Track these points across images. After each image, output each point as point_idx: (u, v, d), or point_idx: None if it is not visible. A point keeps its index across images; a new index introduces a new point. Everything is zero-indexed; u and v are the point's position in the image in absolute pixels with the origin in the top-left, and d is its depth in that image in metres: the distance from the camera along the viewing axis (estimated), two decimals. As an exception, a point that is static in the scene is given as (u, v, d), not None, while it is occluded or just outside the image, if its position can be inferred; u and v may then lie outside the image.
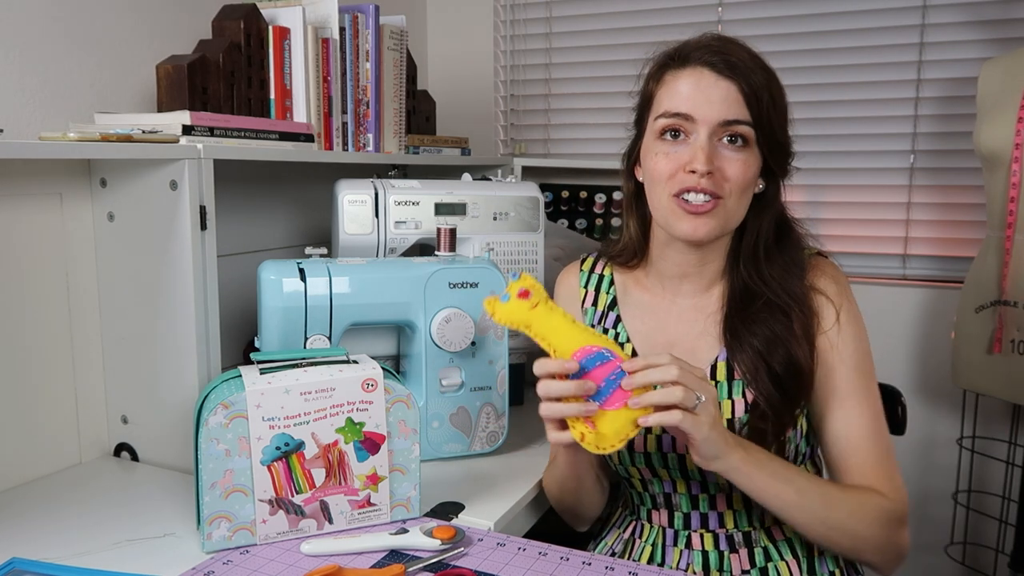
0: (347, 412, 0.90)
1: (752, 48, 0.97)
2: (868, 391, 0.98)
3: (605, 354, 0.82)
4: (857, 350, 0.99)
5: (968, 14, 1.73)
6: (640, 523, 1.08)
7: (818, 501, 0.91)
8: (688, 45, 0.97)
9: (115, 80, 1.26)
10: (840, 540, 0.93)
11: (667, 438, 1.00)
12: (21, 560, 0.84)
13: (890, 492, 0.95)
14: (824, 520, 0.91)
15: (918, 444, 1.86)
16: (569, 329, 0.85)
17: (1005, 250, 1.49)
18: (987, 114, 1.52)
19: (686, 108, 0.94)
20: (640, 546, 1.06)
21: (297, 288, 1.06)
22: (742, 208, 0.98)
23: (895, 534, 0.95)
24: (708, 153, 0.92)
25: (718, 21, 1.94)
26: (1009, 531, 1.75)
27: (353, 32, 1.45)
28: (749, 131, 0.94)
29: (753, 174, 0.96)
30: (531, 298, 0.85)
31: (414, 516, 0.95)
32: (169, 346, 1.09)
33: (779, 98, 0.97)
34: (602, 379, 0.82)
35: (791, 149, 1.01)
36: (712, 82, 0.93)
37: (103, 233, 1.13)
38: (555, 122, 2.15)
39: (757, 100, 0.93)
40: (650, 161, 0.98)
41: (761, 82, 0.94)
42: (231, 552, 0.87)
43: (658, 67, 1.01)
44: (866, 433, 0.97)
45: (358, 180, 1.30)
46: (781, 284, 0.99)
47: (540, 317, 0.85)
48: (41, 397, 1.10)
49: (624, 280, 1.11)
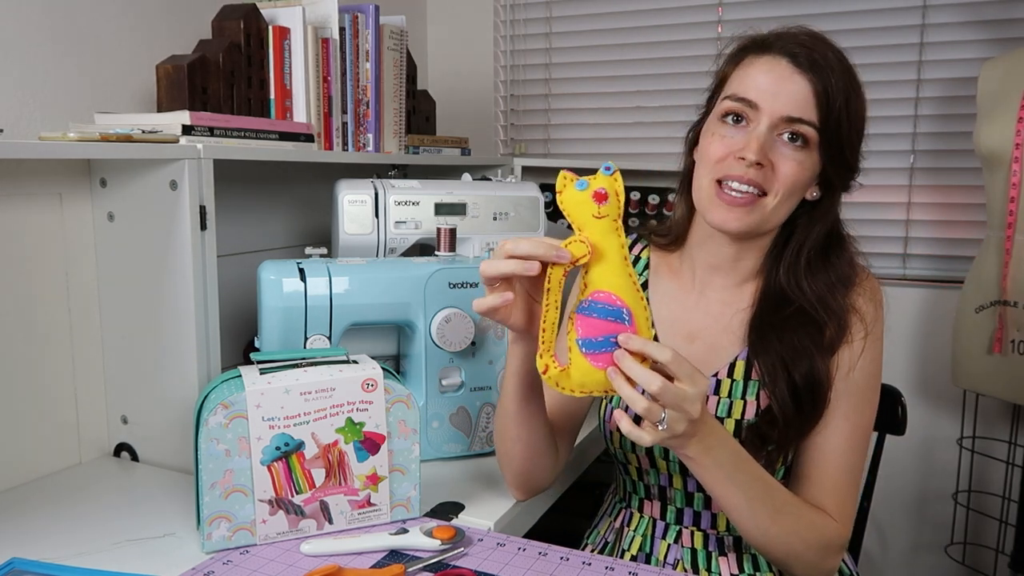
0: (347, 412, 0.90)
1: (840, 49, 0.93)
2: (859, 413, 0.96)
3: (623, 315, 0.75)
4: (866, 374, 0.96)
5: (968, 14, 1.73)
6: (630, 511, 1.08)
7: (765, 513, 0.88)
8: (775, 33, 0.94)
9: (115, 80, 1.26)
10: (775, 551, 0.91)
11: None
12: (21, 560, 0.84)
13: (838, 517, 0.93)
14: (765, 531, 0.89)
15: (918, 444, 1.86)
16: (614, 268, 0.76)
17: (1005, 250, 1.49)
18: (987, 114, 1.52)
19: (753, 95, 0.90)
20: (629, 535, 1.06)
21: (297, 288, 1.06)
22: (784, 210, 0.93)
23: (830, 559, 0.93)
24: (762, 144, 0.89)
25: (718, 21, 1.94)
26: (1009, 531, 1.75)
27: (353, 32, 1.45)
28: (812, 133, 0.89)
29: (806, 178, 0.92)
30: (603, 206, 0.76)
31: (414, 516, 0.95)
32: (169, 346, 1.09)
33: (856, 110, 0.92)
34: (602, 334, 0.75)
35: (857, 166, 0.96)
36: (787, 74, 0.89)
37: (103, 233, 1.13)
38: (555, 122, 2.15)
39: (829, 103, 0.89)
40: (705, 140, 0.95)
41: (840, 87, 0.89)
42: (231, 552, 0.87)
43: (740, 49, 0.96)
44: (837, 451, 0.94)
45: (358, 180, 1.30)
46: (819, 296, 0.95)
47: (597, 230, 0.76)
48: (41, 397, 1.10)
49: (658, 264, 1.09)
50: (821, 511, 0.93)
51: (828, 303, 0.95)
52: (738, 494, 0.87)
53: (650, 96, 2.04)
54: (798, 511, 0.91)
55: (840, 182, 0.96)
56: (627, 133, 2.08)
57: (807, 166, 0.91)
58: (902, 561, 1.93)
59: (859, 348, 0.95)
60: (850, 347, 0.95)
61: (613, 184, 0.76)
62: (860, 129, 0.94)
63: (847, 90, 0.90)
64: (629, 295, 0.76)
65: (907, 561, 1.93)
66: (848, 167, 0.95)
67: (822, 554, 0.92)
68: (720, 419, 0.97)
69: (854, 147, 0.94)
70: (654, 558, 1.02)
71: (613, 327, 0.75)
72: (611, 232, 0.77)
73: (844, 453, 0.95)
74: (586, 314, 0.76)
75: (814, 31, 0.94)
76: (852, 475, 0.95)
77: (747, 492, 0.87)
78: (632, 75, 2.05)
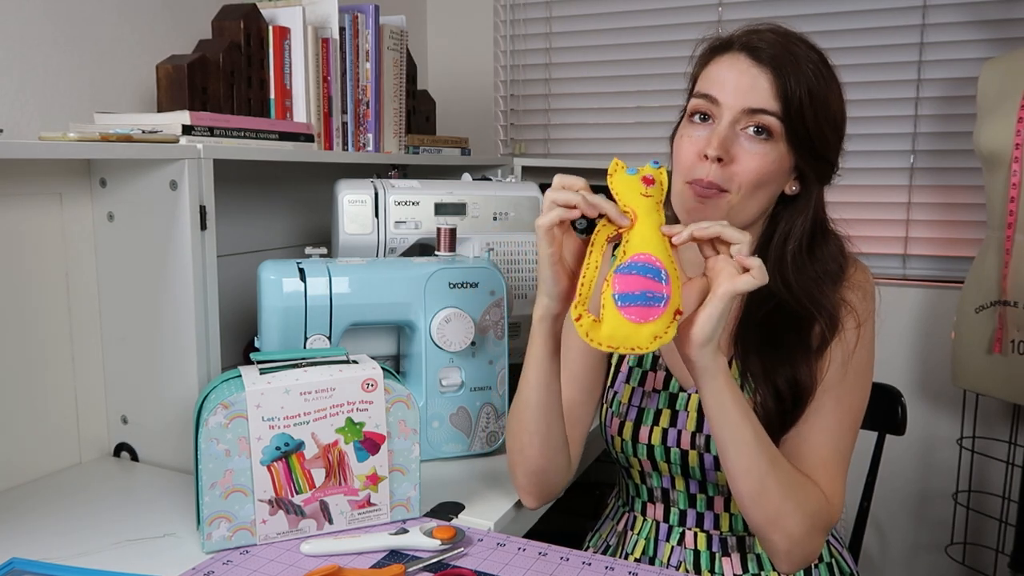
0: (347, 412, 0.90)
1: (816, 46, 0.92)
2: (851, 395, 0.94)
3: (661, 274, 0.79)
4: (859, 360, 0.95)
5: (968, 14, 1.73)
6: (633, 515, 1.08)
7: (766, 458, 0.85)
8: (739, 31, 0.94)
9: (115, 80, 1.26)
10: (767, 507, 0.86)
11: (672, 432, 0.99)
12: (21, 560, 0.84)
13: (830, 495, 0.91)
14: (763, 478, 0.85)
15: (918, 444, 1.86)
16: (655, 235, 0.81)
17: (1005, 250, 1.49)
18: (987, 114, 1.52)
19: (715, 91, 0.90)
20: (632, 539, 1.06)
21: (297, 288, 1.06)
22: (753, 205, 0.92)
23: (815, 535, 0.89)
24: (723, 139, 0.88)
25: (718, 21, 1.95)
26: (1009, 531, 1.75)
27: (353, 32, 1.45)
28: (775, 123, 0.88)
29: (771, 170, 0.90)
30: (651, 188, 0.83)
31: (414, 516, 0.95)
32: (169, 346, 1.09)
33: (825, 99, 0.90)
34: (639, 288, 0.78)
35: (833, 158, 0.94)
36: (746, 67, 0.89)
37: (103, 233, 1.13)
38: (555, 122, 2.15)
39: (788, 94, 0.88)
40: (676, 143, 0.96)
41: (803, 78, 0.88)
42: (231, 552, 0.87)
43: (707, 49, 0.97)
44: (828, 430, 0.93)
45: (358, 180, 1.30)
46: (807, 292, 0.93)
47: (643, 207, 0.83)
48: (41, 397, 1.10)
49: None
50: (815, 483, 0.91)
51: (816, 298, 0.93)
52: (747, 427, 0.84)
53: (650, 96, 2.04)
54: (791, 468, 0.89)
55: (816, 175, 0.95)
56: (627, 133, 2.08)
57: (772, 158, 0.90)
58: (902, 561, 1.93)
59: (853, 339, 0.94)
60: (842, 341, 0.94)
61: (660, 175, 0.84)
62: (834, 121, 0.92)
63: (813, 81, 0.89)
64: (667, 260, 0.80)
65: (907, 561, 1.93)
66: (822, 159, 0.93)
67: (810, 523, 0.88)
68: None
69: (826, 139, 0.92)
70: (658, 560, 1.02)
71: (650, 284, 0.78)
72: (655, 210, 0.83)
73: (834, 434, 0.93)
74: (625, 272, 0.79)
75: (781, 27, 0.94)
76: (842, 456, 0.94)
77: (754, 428, 0.85)
78: (632, 75, 2.05)
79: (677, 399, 1.01)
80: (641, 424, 1.02)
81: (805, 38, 0.93)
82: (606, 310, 0.79)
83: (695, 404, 1.00)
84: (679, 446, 0.99)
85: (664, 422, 1.00)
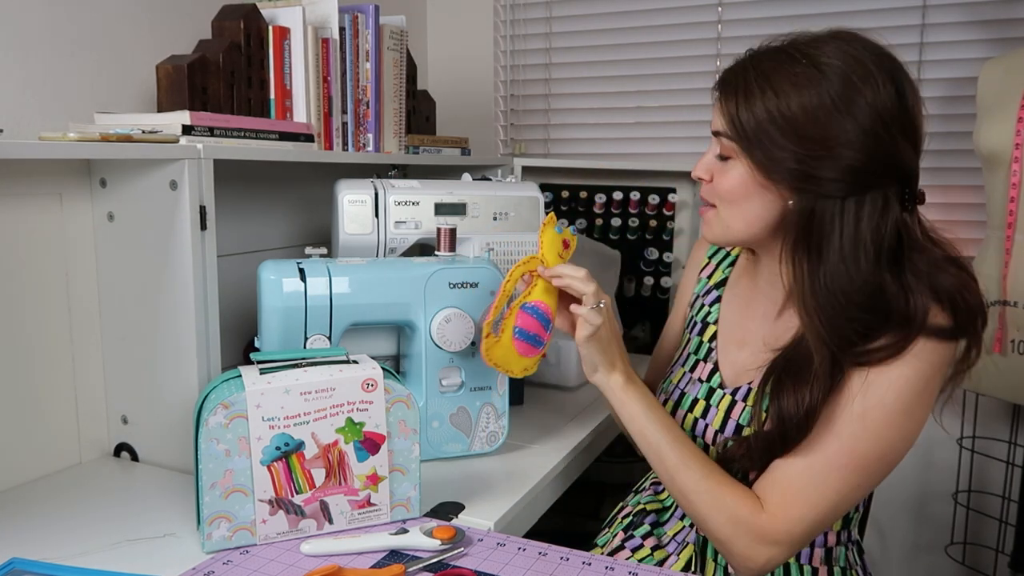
0: (347, 412, 0.90)
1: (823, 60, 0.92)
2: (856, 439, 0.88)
3: (550, 325, 1.03)
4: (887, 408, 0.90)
5: (968, 14, 1.73)
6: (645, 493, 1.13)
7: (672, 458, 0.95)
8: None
9: (115, 80, 1.26)
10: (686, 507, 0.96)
11: (701, 424, 1.02)
12: (21, 560, 0.84)
13: (775, 511, 0.89)
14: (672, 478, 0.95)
15: (918, 444, 1.83)
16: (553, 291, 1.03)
17: (1005, 250, 1.49)
18: (987, 114, 1.52)
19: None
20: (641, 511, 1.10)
21: (297, 288, 1.06)
22: (741, 219, 0.94)
23: (758, 548, 0.89)
24: (705, 161, 0.98)
25: (718, 21, 1.94)
26: (1009, 531, 1.75)
27: (353, 32, 1.45)
28: (728, 144, 0.93)
29: (736, 186, 0.92)
30: (566, 251, 1.05)
31: (414, 516, 0.95)
32: (169, 346, 1.09)
33: (788, 118, 0.87)
34: (533, 330, 1.02)
35: (816, 173, 0.87)
36: (717, 96, 0.96)
37: (103, 233, 1.13)
38: (555, 122, 2.15)
39: (740, 114, 0.90)
40: None
41: (759, 97, 0.88)
42: (231, 552, 0.87)
43: None
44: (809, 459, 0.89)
45: (358, 180, 1.30)
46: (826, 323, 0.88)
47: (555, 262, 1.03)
48: (41, 397, 1.10)
49: (743, 265, 1.10)
50: (750, 491, 0.92)
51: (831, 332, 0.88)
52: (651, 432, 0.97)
53: (650, 96, 2.03)
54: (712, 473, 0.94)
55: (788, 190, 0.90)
56: (627, 133, 2.08)
57: (734, 175, 0.93)
58: (902, 561, 1.93)
59: (883, 384, 0.88)
60: (867, 382, 0.88)
61: (574, 240, 1.07)
62: (805, 135, 0.87)
63: (773, 98, 0.88)
64: (554, 312, 1.03)
65: (907, 561, 1.93)
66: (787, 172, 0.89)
67: (732, 528, 0.89)
68: (740, 427, 0.98)
69: (794, 153, 0.87)
70: (664, 532, 1.06)
71: (541, 329, 1.03)
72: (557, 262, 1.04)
73: (818, 470, 0.88)
74: (529, 312, 1.02)
75: (757, 50, 0.95)
76: (819, 495, 0.88)
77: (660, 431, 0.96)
78: (632, 75, 2.05)
79: (713, 394, 1.03)
80: (679, 407, 1.06)
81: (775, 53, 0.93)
82: (505, 335, 1.02)
83: (725, 404, 1.01)
84: (703, 439, 1.01)
85: (697, 411, 1.03)
